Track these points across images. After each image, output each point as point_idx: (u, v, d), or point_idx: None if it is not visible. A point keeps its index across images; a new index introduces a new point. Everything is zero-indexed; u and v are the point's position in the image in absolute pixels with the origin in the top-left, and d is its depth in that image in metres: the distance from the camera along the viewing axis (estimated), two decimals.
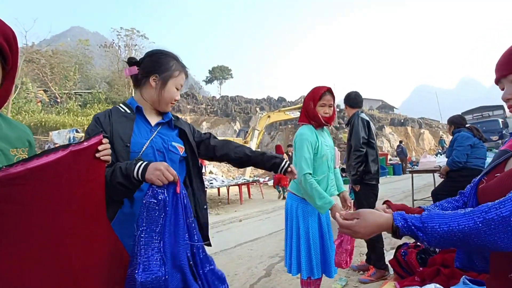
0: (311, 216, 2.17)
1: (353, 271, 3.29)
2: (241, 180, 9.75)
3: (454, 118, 4.30)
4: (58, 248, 1.00)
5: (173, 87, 1.40)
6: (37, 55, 24.55)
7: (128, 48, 34.02)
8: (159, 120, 1.43)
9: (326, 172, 2.19)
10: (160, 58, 1.40)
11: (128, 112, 1.37)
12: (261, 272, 3.49)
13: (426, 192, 6.97)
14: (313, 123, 2.22)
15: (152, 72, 1.38)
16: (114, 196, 1.17)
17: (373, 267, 3.09)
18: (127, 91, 31.36)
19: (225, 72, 56.57)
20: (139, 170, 1.14)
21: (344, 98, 3.39)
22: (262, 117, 15.62)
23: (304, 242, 2.13)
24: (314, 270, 2.10)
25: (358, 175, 3.01)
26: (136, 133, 1.32)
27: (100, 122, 1.29)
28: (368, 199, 3.07)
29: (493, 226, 0.69)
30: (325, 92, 2.19)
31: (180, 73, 1.42)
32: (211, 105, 34.12)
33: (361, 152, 3.01)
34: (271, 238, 4.91)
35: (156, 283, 1.05)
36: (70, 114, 23.69)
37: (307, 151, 2.11)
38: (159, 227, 1.10)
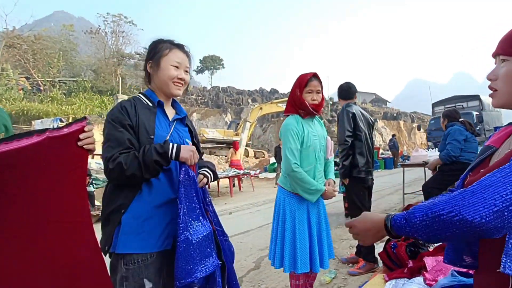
0: (298, 210, 2.12)
1: (342, 264, 3.32)
2: (232, 172, 9.72)
3: (448, 111, 4.34)
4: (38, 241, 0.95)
5: (167, 65, 1.39)
6: (18, 40, 23.68)
7: (115, 35, 33.22)
8: (175, 115, 1.48)
9: (314, 163, 2.12)
10: (150, 46, 1.43)
11: (150, 104, 1.40)
12: (251, 265, 3.49)
13: (417, 186, 7.07)
14: (300, 112, 2.14)
15: (147, 61, 1.43)
16: (146, 175, 1.23)
17: (362, 260, 3.11)
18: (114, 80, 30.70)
19: (217, 62, 55.86)
20: (173, 149, 1.25)
21: (337, 91, 3.36)
22: (254, 109, 15.53)
23: (289, 236, 2.09)
24: (298, 264, 2.04)
25: (345, 169, 2.99)
26: (158, 127, 1.36)
27: (127, 111, 1.31)
28: (357, 192, 3.06)
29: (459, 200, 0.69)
30: (311, 77, 2.11)
31: (170, 51, 1.41)
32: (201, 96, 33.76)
33: (346, 145, 2.99)
34: (261, 231, 4.91)
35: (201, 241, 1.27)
36: (53, 102, 23.06)
37: (292, 141, 2.06)
38: (194, 199, 1.28)
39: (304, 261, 2.06)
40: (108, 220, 1.28)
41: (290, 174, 2.06)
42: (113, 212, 1.26)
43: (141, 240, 1.25)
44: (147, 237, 1.26)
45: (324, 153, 2.22)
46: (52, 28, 35.08)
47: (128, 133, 1.27)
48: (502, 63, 0.78)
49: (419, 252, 2.26)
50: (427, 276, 1.79)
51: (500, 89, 0.79)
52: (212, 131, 20.24)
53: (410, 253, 2.31)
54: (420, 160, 5.73)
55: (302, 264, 2.05)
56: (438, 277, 1.73)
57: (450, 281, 1.46)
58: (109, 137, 1.27)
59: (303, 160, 2.10)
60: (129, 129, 1.28)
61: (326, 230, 2.24)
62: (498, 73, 0.79)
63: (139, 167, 1.20)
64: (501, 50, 0.79)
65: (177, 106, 1.54)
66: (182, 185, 1.26)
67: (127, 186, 1.27)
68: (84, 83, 29.40)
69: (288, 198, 2.16)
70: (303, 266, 2.05)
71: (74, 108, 24.40)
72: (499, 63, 0.80)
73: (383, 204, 5.82)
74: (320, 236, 2.17)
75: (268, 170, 14.96)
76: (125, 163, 1.20)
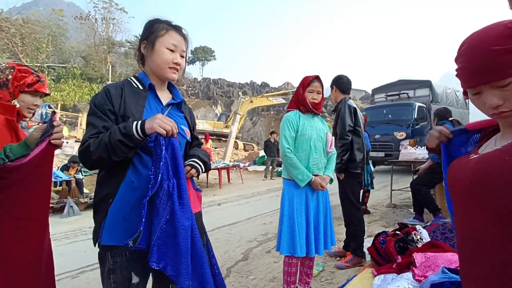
0: (296, 197, 2.28)
1: (330, 257, 3.32)
2: (221, 164, 9.67)
3: (439, 110, 4.35)
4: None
5: (162, 48, 1.29)
6: (6, 23, 22.88)
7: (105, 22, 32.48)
8: (170, 100, 1.40)
9: (308, 151, 2.31)
10: (146, 25, 1.34)
11: (141, 88, 1.32)
12: (239, 256, 3.47)
13: (404, 183, 7.16)
14: (301, 108, 2.38)
15: (141, 41, 1.34)
16: (114, 157, 1.15)
17: (350, 253, 3.12)
18: (104, 68, 30.09)
19: (208, 53, 55.26)
20: (138, 126, 1.15)
21: (335, 81, 3.24)
22: (245, 102, 15.40)
23: (286, 220, 2.26)
24: (297, 248, 2.19)
25: (342, 163, 2.97)
26: (148, 111, 1.28)
27: (110, 95, 1.24)
28: (352, 187, 3.06)
29: None
30: (313, 79, 2.38)
31: (166, 32, 1.31)
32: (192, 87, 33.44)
33: (347, 140, 2.97)
34: (250, 223, 4.89)
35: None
36: None
37: (287, 130, 2.31)
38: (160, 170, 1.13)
39: (302, 245, 2.21)
40: (97, 210, 1.24)
41: (283, 158, 2.32)
42: (101, 202, 1.22)
43: (128, 232, 1.18)
44: (134, 229, 1.18)
45: (322, 144, 2.37)
46: (41, 12, 34.07)
47: (107, 118, 1.21)
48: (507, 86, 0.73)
49: (408, 248, 2.27)
50: (416, 272, 1.78)
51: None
52: (202, 123, 20.09)
53: (399, 248, 2.32)
54: (409, 158, 5.78)
55: (300, 248, 2.20)
56: (427, 273, 1.73)
57: (440, 277, 1.45)
58: (87, 121, 1.23)
59: (297, 147, 2.32)
60: (109, 115, 1.22)
61: (325, 218, 2.37)
62: (502, 96, 0.74)
63: (105, 149, 1.14)
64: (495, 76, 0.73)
65: (174, 90, 1.45)
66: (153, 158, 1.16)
67: (114, 174, 1.21)
68: (73, 70, 28.72)
69: (287, 185, 2.35)
70: (300, 250, 2.20)
71: (63, 95, 23.86)
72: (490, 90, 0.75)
73: (370, 200, 5.85)
74: (317, 223, 2.31)
75: (257, 163, 14.97)
76: (92, 146, 1.15)
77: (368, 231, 4.00)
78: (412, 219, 4.42)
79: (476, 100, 0.81)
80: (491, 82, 0.74)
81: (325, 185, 2.33)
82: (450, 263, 1.75)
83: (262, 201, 6.66)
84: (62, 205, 6.16)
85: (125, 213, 1.19)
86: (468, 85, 0.79)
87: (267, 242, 3.93)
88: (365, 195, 5.22)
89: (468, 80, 0.78)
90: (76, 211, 5.97)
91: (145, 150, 1.24)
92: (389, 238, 2.45)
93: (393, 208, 5.59)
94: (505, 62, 0.71)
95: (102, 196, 1.21)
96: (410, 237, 2.40)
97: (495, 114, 0.78)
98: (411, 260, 1.98)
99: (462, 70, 0.79)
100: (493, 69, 0.72)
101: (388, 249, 2.35)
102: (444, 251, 1.96)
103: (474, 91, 0.79)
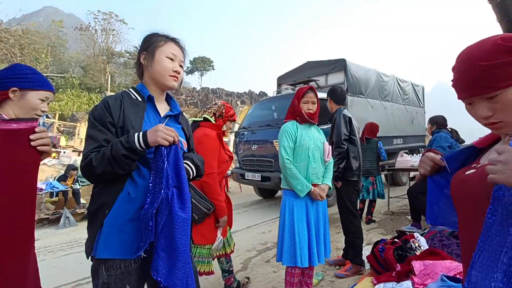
0: (296, 207, 2.30)
1: (329, 266, 3.31)
2: None
3: (437, 118, 4.37)
4: None
5: (162, 57, 1.32)
6: (6, 34, 23.02)
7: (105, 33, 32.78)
8: (168, 112, 1.41)
9: (306, 160, 2.34)
10: (145, 38, 1.37)
11: (139, 99, 1.33)
12: (238, 266, 3.44)
13: (401, 190, 7.16)
14: (298, 119, 2.43)
15: (141, 51, 1.37)
16: (118, 170, 1.16)
17: (349, 262, 3.11)
18: (103, 77, 30.21)
19: (207, 63, 55.78)
20: (140, 138, 1.15)
21: (330, 92, 3.37)
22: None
23: (288, 230, 2.27)
24: (298, 258, 2.20)
25: (339, 172, 3.01)
26: (147, 123, 1.28)
27: (109, 107, 1.24)
28: (349, 195, 3.07)
29: None
30: (307, 90, 2.44)
31: (165, 43, 1.35)
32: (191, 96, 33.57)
33: (342, 148, 3.03)
34: (249, 232, 4.87)
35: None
36: None
37: (286, 140, 2.35)
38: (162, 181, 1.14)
39: (304, 255, 2.22)
40: (92, 220, 1.22)
41: (283, 169, 2.34)
42: (97, 212, 1.20)
43: (123, 244, 1.17)
44: (130, 241, 1.18)
45: (320, 153, 2.41)
46: (40, 23, 34.34)
47: (107, 131, 1.21)
48: (495, 98, 0.76)
49: (406, 255, 2.27)
50: (416, 280, 1.78)
51: (505, 118, 0.77)
52: None
53: (397, 256, 2.32)
54: (405, 165, 5.80)
55: (302, 258, 2.21)
56: (426, 281, 1.72)
57: (439, 285, 1.45)
58: (87, 135, 1.22)
59: (296, 157, 2.35)
60: (109, 127, 1.22)
61: (324, 228, 2.38)
62: (491, 108, 0.78)
63: (109, 163, 1.14)
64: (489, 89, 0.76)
65: (172, 102, 1.46)
66: (154, 169, 1.16)
67: (112, 184, 1.20)
68: (72, 80, 28.80)
69: (286, 195, 2.37)
70: (303, 261, 2.21)
71: (62, 105, 23.85)
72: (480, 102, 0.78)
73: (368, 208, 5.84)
74: (318, 232, 2.33)
75: None
76: (95, 161, 1.15)
77: (367, 239, 3.99)
78: (409, 226, 4.42)
79: (470, 110, 0.85)
80: (480, 95, 0.78)
81: (324, 195, 2.35)
82: (449, 271, 1.75)
83: (260, 210, 6.63)
84: (58, 216, 6.09)
85: (121, 225, 1.18)
86: (461, 96, 0.83)
87: (266, 252, 3.90)
88: (372, 205, 5.20)
89: (461, 91, 0.83)
90: (72, 222, 5.90)
91: (143, 162, 1.24)
92: (388, 246, 2.45)
93: (390, 215, 5.57)
94: (492, 76, 0.74)
95: (98, 205, 1.20)
96: (408, 244, 2.40)
97: (487, 125, 0.82)
98: (410, 268, 1.98)
99: (456, 82, 0.83)
100: (481, 82, 0.76)
101: (387, 257, 2.34)
102: (442, 259, 1.96)
103: (467, 101, 0.83)
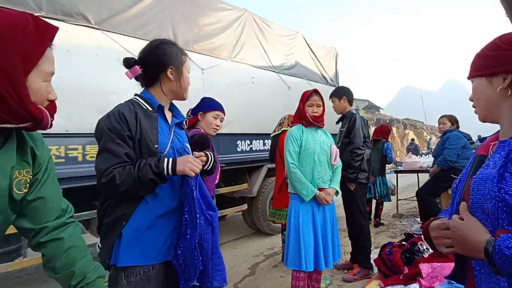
0: (302, 210, 2.30)
1: (337, 270, 3.29)
2: None
3: (454, 117, 4.35)
4: None
5: (187, 73, 1.42)
6: None
7: None
8: (174, 119, 1.44)
9: (312, 164, 2.34)
10: (166, 49, 1.37)
11: (150, 109, 1.33)
12: (246, 271, 3.45)
13: (410, 192, 7.09)
14: (303, 122, 2.44)
15: (168, 65, 1.35)
16: (141, 192, 1.20)
17: (357, 266, 3.09)
18: None
19: None
20: (169, 165, 1.19)
21: (344, 91, 3.29)
22: None
23: (293, 234, 2.28)
24: (303, 262, 2.20)
25: (356, 173, 2.98)
26: (161, 133, 1.31)
27: (126, 119, 1.22)
28: (361, 197, 3.09)
29: None
30: (312, 93, 2.45)
31: (186, 58, 1.43)
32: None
33: (362, 151, 3.00)
34: (256, 237, 4.87)
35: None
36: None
37: (291, 144, 2.36)
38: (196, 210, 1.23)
39: (309, 260, 2.21)
40: (108, 232, 1.23)
41: (288, 173, 2.35)
42: (114, 223, 1.22)
43: (143, 251, 1.21)
44: (149, 248, 1.22)
45: (327, 157, 2.40)
46: None
47: (126, 145, 1.21)
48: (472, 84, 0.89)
49: (414, 258, 2.26)
50: (423, 282, 1.78)
51: (476, 106, 0.89)
52: None
53: (405, 259, 2.31)
54: (413, 167, 5.77)
55: (307, 262, 2.20)
56: (434, 284, 1.72)
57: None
58: (105, 148, 1.20)
59: (302, 161, 2.35)
60: (128, 141, 1.22)
61: (332, 232, 2.37)
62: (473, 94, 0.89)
63: (133, 184, 1.15)
64: (469, 74, 0.89)
65: (175, 109, 1.49)
66: (185, 199, 1.24)
67: (133, 195, 1.22)
68: None
69: (293, 200, 2.37)
70: (308, 265, 2.20)
71: None
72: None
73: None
74: (325, 236, 2.31)
75: None
76: (119, 178, 1.14)
77: (375, 242, 3.96)
78: (419, 229, 4.38)
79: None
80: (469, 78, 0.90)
81: (330, 199, 2.33)
82: None
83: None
84: None
85: (140, 233, 1.22)
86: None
87: (274, 256, 3.90)
88: (379, 208, 5.18)
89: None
90: None
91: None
92: (395, 249, 2.45)
93: (399, 218, 5.54)
94: (473, 63, 0.87)
95: (115, 217, 1.22)
96: (416, 247, 2.39)
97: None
98: (418, 271, 1.98)
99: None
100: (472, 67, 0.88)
101: (394, 260, 2.34)
102: (450, 261, 1.95)
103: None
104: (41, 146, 0.91)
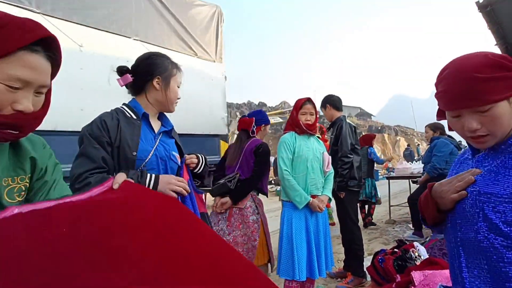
0: (295, 218, 2.29)
1: (331, 278, 3.27)
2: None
3: (438, 124, 4.35)
4: None
5: (175, 86, 1.43)
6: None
7: None
8: (161, 128, 1.44)
9: (305, 171, 2.34)
10: (157, 60, 1.41)
11: (134, 117, 1.35)
12: None
13: (402, 198, 7.13)
14: (296, 130, 2.45)
15: (154, 75, 1.39)
16: None
17: (350, 274, 3.07)
18: None
19: None
20: (151, 182, 1.19)
21: (327, 99, 3.31)
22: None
23: (285, 242, 2.27)
24: (296, 271, 2.17)
25: (344, 181, 2.97)
26: (143, 141, 1.32)
27: (107, 126, 1.24)
28: (352, 205, 3.08)
29: None
30: (305, 101, 2.46)
31: (177, 71, 1.45)
32: None
33: (350, 158, 2.99)
34: None
35: None
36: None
37: (284, 151, 2.36)
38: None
39: (302, 268, 2.19)
40: None
41: (282, 180, 2.35)
42: None
43: None
44: None
45: (320, 164, 2.41)
46: None
47: (104, 151, 1.21)
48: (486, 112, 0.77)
49: (406, 266, 2.25)
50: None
51: (493, 131, 0.79)
52: None
53: (397, 267, 2.30)
54: (405, 173, 5.81)
55: (300, 271, 2.18)
56: None
57: None
58: (82, 152, 1.21)
59: (295, 168, 2.36)
60: (106, 147, 1.22)
61: (325, 240, 2.36)
62: (480, 121, 0.78)
63: None
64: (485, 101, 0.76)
65: (164, 118, 1.50)
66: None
67: None
68: None
69: (285, 208, 2.37)
70: (301, 274, 2.18)
71: None
72: (470, 114, 0.79)
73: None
74: (318, 244, 2.30)
75: None
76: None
77: (369, 249, 3.95)
78: (411, 235, 4.39)
79: (454, 122, 0.84)
80: (472, 107, 0.78)
81: (323, 206, 2.33)
82: (448, 281, 1.73)
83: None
84: None
85: None
86: (449, 108, 0.82)
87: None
88: (371, 207, 5.23)
89: (450, 103, 0.81)
90: None
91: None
92: (388, 256, 2.44)
93: (392, 224, 5.54)
94: (486, 89, 0.75)
95: None
96: (408, 254, 2.39)
97: (473, 138, 0.82)
98: (410, 279, 1.97)
99: (444, 93, 0.81)
100: (475, 95, 0.76)
101: (387, 268, 2.33)
102: (442, 268, 1.95)
103: (454, 114, 0.83)
104: (40, 150, 0.86)
